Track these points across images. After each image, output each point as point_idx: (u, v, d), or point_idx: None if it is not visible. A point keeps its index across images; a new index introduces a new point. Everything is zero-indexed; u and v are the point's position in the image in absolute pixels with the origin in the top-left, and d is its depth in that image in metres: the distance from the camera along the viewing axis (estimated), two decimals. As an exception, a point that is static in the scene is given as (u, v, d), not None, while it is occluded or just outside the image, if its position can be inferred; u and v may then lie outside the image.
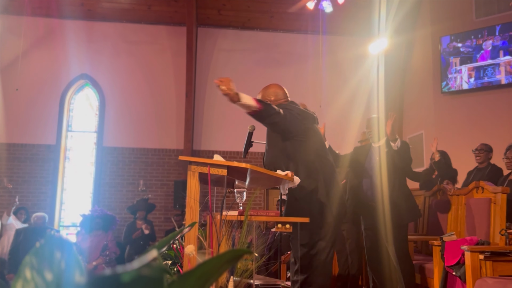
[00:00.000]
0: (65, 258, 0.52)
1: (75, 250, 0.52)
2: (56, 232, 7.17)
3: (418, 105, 8.17)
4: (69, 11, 8.21)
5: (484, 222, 3.97)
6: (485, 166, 4.80)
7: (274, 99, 2.95)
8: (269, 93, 2.97)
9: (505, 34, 6.74)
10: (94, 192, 8.23)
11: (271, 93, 2.97)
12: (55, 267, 0.51)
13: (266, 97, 2.95)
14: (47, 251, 0.51)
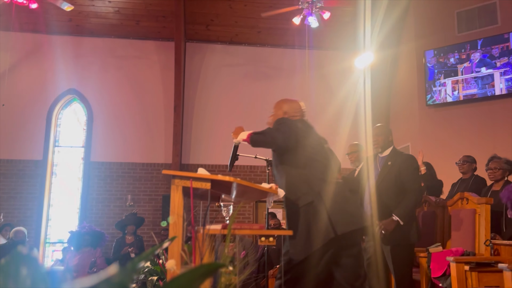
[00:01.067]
0: (31, 274, 0.52)
1: (41, 266, 0.53)
2: (31, 248, 7.04)
3: (404, 118, 8.27)
4: (57, 27, 8.22)
5: (469, 233, 4.01)
6: (469, 177, 4.86)
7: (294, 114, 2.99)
8: (293, 108, 3.02)
9: (486, 48, 6.90)
10: (81, 208, 8.14)
11: (294, 109, 3.02)
12: (20, 283, 0.51)
13: (288, 111, 2.98)
14: (13, 268, 0.52)
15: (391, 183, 3.69)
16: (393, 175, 3.70)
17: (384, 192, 3.69)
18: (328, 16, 6.66)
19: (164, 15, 8.32)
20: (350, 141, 4.96)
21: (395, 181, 3.68)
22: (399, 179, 3.68)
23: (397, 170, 3.70)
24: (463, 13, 7.31)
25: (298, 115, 2.99)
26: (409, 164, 3.72)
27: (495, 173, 4.33)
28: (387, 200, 3.66)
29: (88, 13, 8.26)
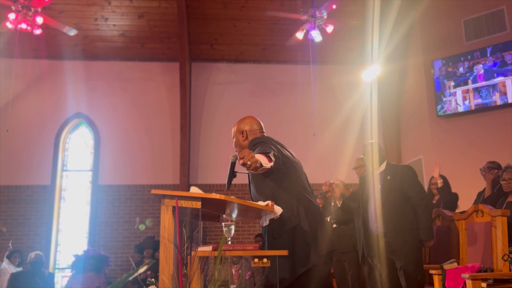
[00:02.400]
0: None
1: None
2: (51, 275, 6.97)
3: (415, 130, 8.09)
4: (63, 52, 8.31)
5: (486, 248, 3.79)
6: (495, 185, 4.57)
7: (249, 128, 2.91)
8: (245, 124, 2.94)
9: (496, 55, 6.72)
10: (90, 232, 8.06)
11: (247, 123, 2.94)
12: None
13: (241, 128, 2.91)
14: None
15: (396, 197, 3.69)
16: (396, 188, 3.71)
17: (391, 206, 3.66)
18: (331, 30, 6.58)
19: (168, 36, 8.36)
20: (356, 154, 4.83)
21: (399, 194, 3.69)
22: (403, 192, 3.69)
23: (399, 183, 3.71)
24: (470, 21, 7.17)
25: (256, 129, 2.94)
26: (410, 176, 3.77)
27: (510, 184, 4.12)
28: (395, 214, 3.64)
29: (94, 37, 8.34)
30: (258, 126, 2.95)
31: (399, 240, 3.66)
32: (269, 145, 2.64)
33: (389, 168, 3.86)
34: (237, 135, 2.95)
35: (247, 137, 2.90)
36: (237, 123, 2.99)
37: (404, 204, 3.67)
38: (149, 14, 8.06)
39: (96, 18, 8.07)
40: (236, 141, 2.95)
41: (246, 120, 2.97)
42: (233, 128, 2.98)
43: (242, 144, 2.93)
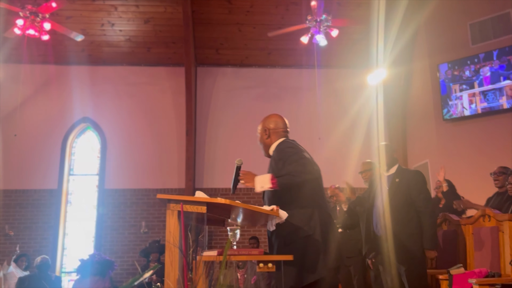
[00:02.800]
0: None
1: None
2: (58, 278, 7.00)
3: (421, 134, 8.05)
4: (70, 57, 8.38)
5: (493, 253, 3.76)
6: (505, 190, 4.43)
7: (274, 127, 2.93)
8: (269, 122, 2.96)
9: (503, 58, 6.69)
10: (96, 236, 8.10)
11: (271, 121, 2.96)
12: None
13: (266, 126, 2.94)
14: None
15: (401, 200, 3.65)
16: (403, 192, 3.67)
17: (395, 209, 3.62)
18: (336, 34, 6.58)
19: (174, 41, 8.41)
20: (362, 158, 4.82)
21: (405, 198, 3.65)
22: (408, 196, 3.65)
23: (406, 187, 3.67)
24: (476, 25, 7.14)
25: (280, 127, 2.96)
26: (417, 181, 3.72)
27: (516, 188, 4.08)
28: (399, 217, 3.60)
29: (100, 43, 8.40)
30: (282, 125, 2.97)
31: (402, 245, 3.64)
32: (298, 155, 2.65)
33: (399, 171, 3.84)
34: (261, 132, 2.97)
35: (269, 135, 2.92)
36: (262, 120, 3.00)
37: (408, 208, 3.63)
38: (155, 19, 8.11)
39: (102, 24, 8.13)
40: (260, 138, 2.97)
41: (271, 118, 2.98)
42: (259, 126, 2.99)
43: (265, 142, 2.94)
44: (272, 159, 2.85)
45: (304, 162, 2.62)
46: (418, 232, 3.61)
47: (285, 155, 2.71)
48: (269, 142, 2.93)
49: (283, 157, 2.71)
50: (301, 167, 2.59)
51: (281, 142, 2.86)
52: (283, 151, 2.77)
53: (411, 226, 3.62)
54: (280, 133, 2.93)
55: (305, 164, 2.61)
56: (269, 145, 2.93)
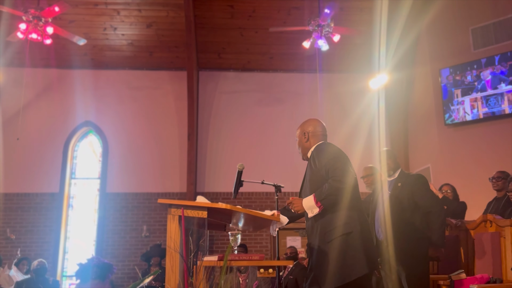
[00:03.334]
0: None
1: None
2: (56, 282, 6.99)
3: (423, 139, 8.05)
4: (72, 61, 8.41)
5: (495, 258, 3.75)
6: (503, 195, 4.45)
7: (312, 130, 2.97)
8: (308, 125, 3.00)
9: (504, 64, 6.69)
10: (98, 240, 8.10)
11: (310, 125, 3.00)
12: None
13: (305, 129, 2.97)
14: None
15: (405, 204, 3.67)
16: (406, 196, 3.69)
17: (398, 214, 3.64)
18: (338, 39, 6.59)
19: (176, 45, 8.43)
20: (364, 163, 4.79)
21: (408, 203, 3.67)
22: (412, 200, 3.67)
23: (409, 191, 3.69)
24: (478, 30, 7.15)
25: (320, 131, 2.99)
26: (421, 183, 3.75)
27: (517, 194, 4.07)
28: (402, 221, 3.62)
29: (103, 47, 8.43)
30: (321, 129, 3.00)
31: (403, 249, 3.64)
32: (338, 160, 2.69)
33: (402, 176, 3.87)
34: (300, 136, 2.99)
35: (309, 138, 2.94)
36: (301, 125, 3.04)
37: (411, 213, 3.65)
38: (157, 24, 8.15)
39: (105, 28, 8.17)
40: (299, 142, 2.99)
41: (310, 122, 3.02)
42: (297, 130, 3.03)
43: (304, 146, 2.97)
44: (311, 159, 2.87)
45: (341, 167, 2.65)
46: (423, 237, 3.61)
47: (327, 158, 2.74)
48: (308, 146, 2.96)
49: (325, 160, 2.74)
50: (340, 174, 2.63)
51: (320, 144, 2.90)
52: (324, 151, 2.80)
53: (415, 230, 3.63)
54: (319, 136, 2.96)
55: (344, 169, 2.64)
56: (308, 148, 2.96)
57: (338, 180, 2.58)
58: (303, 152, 3.00)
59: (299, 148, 3.01)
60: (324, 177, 2.70)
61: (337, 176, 2.60)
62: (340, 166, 2.65)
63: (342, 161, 2.70)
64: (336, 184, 2.58)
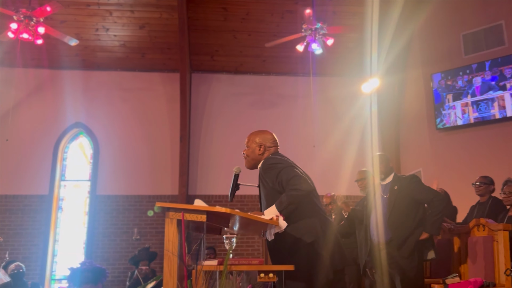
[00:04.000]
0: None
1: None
2: (35, 284, 6.87)
3: (415, 143, 8.11)
4: (63, 62, 8.31)
5: (488, 262, 3.78)
6: (486, 199, 4.62)
7: (270, 145, 2.98)
8: (266, 139, 2.99)
9: (495, 69, 6.77)
10: (87, 243, 8.00)
11: (268, 140, 2.99)
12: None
13: (262, 142, 2.96)
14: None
15: (404, 205, 3.74)
16: (404, 197, 3.76)
17: (400, 215, 3.72)
18: (331, 43, 6.62)
19: (169, 47, 8.39)
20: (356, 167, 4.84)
21: (407, 202, 3.75)
22: (411, 198, 3.75)
23: (406, 192, 3.77)
24: (469, 35, 7.23)
25: (273, 145, 3.00)
26: (415, 182, 3.86)
27: (510, 198, 4.14)
28: (404, 221, 3.70)
29: (94, 47, 8.36)
30: (275, 144, 3.02)
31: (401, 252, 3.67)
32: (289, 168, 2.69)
33: (396, 179, 3.92)
34: (253, 146, 2.96)
35: (264, 152, 2.94)
36: (256, 134, 3.01)
37: (415, 213, 3.74)
38: (150, 25, 8.10)
39: (97, 29, 8.10)
40: (252, 151, 2.96)
41: (268, 135, 3.01)
42: (250, 137, 3.00)
43: (256, 157, 2.96)
44: (261, 176, 2.89)
45: (298, 177, 2.65)
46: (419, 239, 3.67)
47: (277, 170, 2.74)
48: (259, 158, 2.96)
49: (275, 173, 2.74)
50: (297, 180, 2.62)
51: (267, 158, 2.90)
52: (270, 164, 2.81)
53: (417, 233, 3.67)
54: (270, 151, 2.97)
55: (300, 181, 2.63)
56: (259, 160, 2.95)
57: (295, 189, 2.59)
58: (251, 163, 2.98)
59: (247, 157, 2.99)
60: (280, 190, 2.71)
61: (293, 185, 2.60)
62: (293, 174, 2.66)
63: (292, 170, 2.71)
64: (294, 192, 2.59)
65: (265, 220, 2.34)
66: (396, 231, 3.72)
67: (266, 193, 2.85)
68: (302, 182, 2.58)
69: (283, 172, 2.70)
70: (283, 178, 2.68)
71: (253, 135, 3.01)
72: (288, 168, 2.73)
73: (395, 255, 3.72)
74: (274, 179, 2.73)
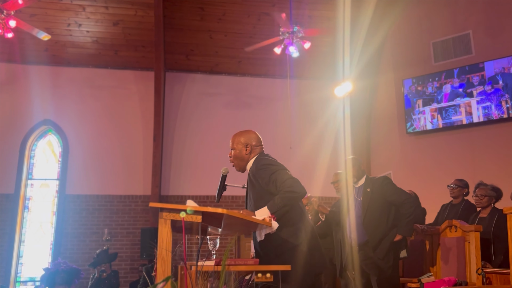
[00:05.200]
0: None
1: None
2: None
3: (385, 146, 8.33)
4: (33, 56, 8.04)
5: (460, 262, 3.94)
6: (459, 202, 4.78)
7: (255, 144, 2.96)
8: (251, 138, 2.97)
9: (462, 77, 7.07)
10: (55, 243, 7.77)
11: (253, 138, 2.97)
12: None
13: (248, 142, 2.94)
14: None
15: (377, 207, 3.85)
16: (377, 199, 3.87)
17: (374, 216, 3.82)
18: (308, 46, 6.71)
19: (143, 44, 8.27)
20: (331, 169, 4.96)
21: (381, 204, 3.86)
22: (384, 201, 3.86)
23: (379, 194, 3.88)
24: (438, 44, 7.51)
25: (259, 144, 2.99)
26: (387, 183, 3.97)
27: (482, 200, 4.33)
28: (379, 223, 3.81)
29: (65, 43, 8.13)
30: (260, 143, 3.01)
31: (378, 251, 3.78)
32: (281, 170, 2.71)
33: (369, 181, 4.03)
34: (239, 147, 2.94)
35: (250, 152, 2.93)
36: (240, 135, 2.99)
37: (388, 215, 3.85)
38: (124, 22, 7.96)
39: (69, 24, 7.88)
40: (238, 153, 2.93)
41: (252, 134, 2.99)
42: (235, 138, 2.97)
43: (244, 158, 2.93)
44: (252, 176, 2.88)
45: (293, 180, 2.67)
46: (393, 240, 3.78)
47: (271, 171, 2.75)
48: (247, 158, 2.94)
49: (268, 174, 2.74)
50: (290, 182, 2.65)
51: (258, 158, 2.90)
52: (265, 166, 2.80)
53: (392, 234, 3.78)
54: (257, 150, 2.96)
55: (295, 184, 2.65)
56: (247, 161, 2.94)
57: (290, 191, 2.61)
58: (240, 164, 2.96)
59: (235, 159, 2.97)
60: (272, 191, 2.72)
61: (288, 186, 2.62)
62: (287, 176, 2.69)
63: (286, 172, 2.74)
64: (289, 194, 2.61)
65: (257, 221, 2.37)
66: (371, 232, 3.83)
67: (255, 193, 2.85)
68: (297, 184, 2.61)
69: (277, 173, 2.71)
70: (277, 178, 2.68)
71: (237, 136, 2.99)
72: (282, 171, 2.74)
73: (371, 256, 3.83)
74: (267, 180, 2.73)
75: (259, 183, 2.80)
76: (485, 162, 6.65)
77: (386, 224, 3.84)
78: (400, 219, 3.83)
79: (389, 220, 3.86)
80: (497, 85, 6.72)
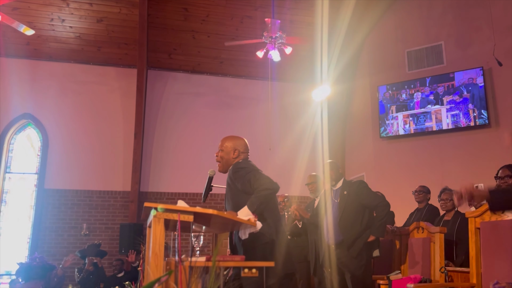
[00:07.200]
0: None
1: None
2: None
3: (359, 149, 8.66)
4: (13, 50, 8.00)
5: (425, 261, 4.25)
6: (423, 206, 5.15)
7: (243, 150, 3.16)
8: (240, 144, 3.17)
9: (433, 85, 7.45)
10: (33, 237, 7.78)
11: (242, 145, 3.17)
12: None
13: (237, 147, 3.13)
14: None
15: (353, 209, 4.08)
16: (353, 201, 4.10)
17: (350, 218, 4.06)
18: (290, 51, 6.94)
19: (126, 42, 8.34)
20: (309, 171, 5.19)
21: (356, 206, 4.09)
22: (359, 204, 4.10)
23: (355, 196, 4.12)
24: (412, 53, 7.88)
25: (246, 151, 3.19)
26: (363, 187, 4.21)
27: (447, 204, 4.65)
28: (354, 224, 4.04)
29: (48, 37, 8.12)
30: (247, 150, 3.20)
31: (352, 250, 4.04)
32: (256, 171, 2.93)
33: (346, 184, 4.27)
34: (228, 149, 3.13)
35: (237, 157, 3.12)
36: (231, 139, 3.18)
37: (362, 217, 4.10)
38: (108, 19, 8.01)
39: (52, 19, 7.88)
40: (226, 155, 3.12)
41: (241, 141, 3.19)
42: (225, 141, 3.17)
43: (230, 161, 3.13)
44: (230, 179, 3.07)
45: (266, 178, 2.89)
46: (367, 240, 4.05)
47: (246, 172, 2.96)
48: (232, 162, 3.13)
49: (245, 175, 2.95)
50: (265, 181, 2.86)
51: (237, 163, 3.09)
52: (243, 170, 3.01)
53: (362, 233, 4.05)
54: (243, 156, 3.16)
55: (269, 182, 2.87)
56: (231, 164, 3.13)
57: (264, 188, 2.82)
58: (224, 166, 3.15)
59: (222, 159, 3.15)
60: (248, 191, 2.90)
61: (262, 184, 2.83)
62: (260, 175, 2.91)
63: (259, 172, 2.96)
64: (264, 192, 2.81)
65: (242, 221, 2.57)
66: (346, 233, 4.08)
67: (232, 194, 3.06)
68: (269, 181, 2.83)
69: (251, 174, 2.92)
70: (251, 178, 2.89)
71: (227, 139, 3.19)
72: (256, 172, 2.97)
73: (346, 255, 4.09)
74: (243, 180, 2.93)
75: (235, 184, 3.00)
76: (453, 167, 7.04)
77: (360, 225, 4.08)
78: (373, 221, 4.10)
79: (363, 222, 4.11)
80: (465, 95, 7.12)
